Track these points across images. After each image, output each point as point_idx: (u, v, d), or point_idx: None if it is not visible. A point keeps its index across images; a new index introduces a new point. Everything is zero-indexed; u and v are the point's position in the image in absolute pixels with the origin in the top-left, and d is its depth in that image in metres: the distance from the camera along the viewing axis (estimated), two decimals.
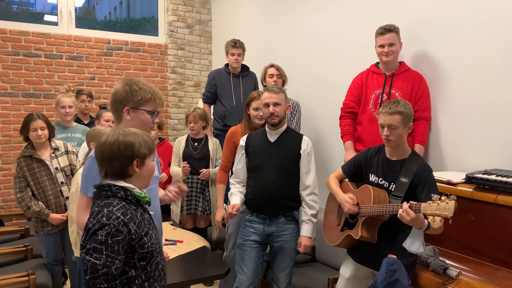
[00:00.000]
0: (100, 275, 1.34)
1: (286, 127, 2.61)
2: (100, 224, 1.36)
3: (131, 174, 1.49)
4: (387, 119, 2.10)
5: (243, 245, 2.60)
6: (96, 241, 1.35)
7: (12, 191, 4.53)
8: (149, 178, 1.57)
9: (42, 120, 2.89)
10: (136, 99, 1.77)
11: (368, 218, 2.15)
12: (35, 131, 2.86)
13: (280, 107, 2.52)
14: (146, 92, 1.78)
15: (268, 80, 3.55)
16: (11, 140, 4.49)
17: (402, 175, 2.11)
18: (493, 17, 2.40)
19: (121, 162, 1.46)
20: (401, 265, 1.89)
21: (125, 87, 1.78)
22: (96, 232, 1.36)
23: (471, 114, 2.54)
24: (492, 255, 2.05)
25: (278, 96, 2.52)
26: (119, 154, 1.45)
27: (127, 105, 1.77)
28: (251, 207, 2.61)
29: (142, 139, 1.50)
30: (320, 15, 3.70)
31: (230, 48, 3.88)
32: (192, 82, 5.49)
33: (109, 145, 1.45)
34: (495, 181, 2.04)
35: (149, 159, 1.52)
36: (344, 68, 3.43)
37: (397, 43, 2.73)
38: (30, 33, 4.52)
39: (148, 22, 5.58)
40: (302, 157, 2.54)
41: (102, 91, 4.95)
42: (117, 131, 1.49)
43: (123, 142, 1.45)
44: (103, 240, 1.35)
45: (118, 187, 1.46)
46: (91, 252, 1.35)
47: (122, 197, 1.45)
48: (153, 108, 1.82)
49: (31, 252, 3.08)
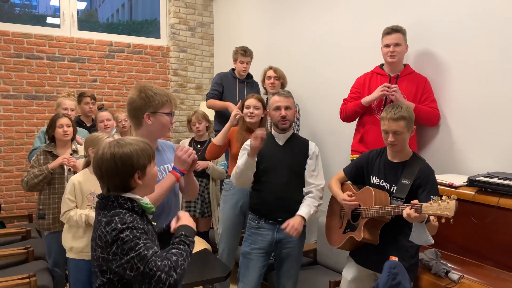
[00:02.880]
0: (151, 257, 1.33)
1: (292, 133, 2.61)
2: (118, 230, 1.34)
3: (134, 186, 1.45)
4: (392, 126, 2.09)
5: (249, 253, 2.53)
6: (125, 243, 1.33)
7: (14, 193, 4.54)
8: (154, 185, 1.55)
9: (67, 118, 3.01)
10: (154, 103, 1.85)
11: (370, 220, 2.15)
12: (61, 128, 2.95)
13: (291, 111, 2.50)
14: (162, 96, 1.87)
15: (267, 82, 3.57)
16: (13, 142, 4.49)
17: (404, 177, 2.11)
18: (497, 19, 2.39)
19: (122, 178, 1.42)
20: (403, 268, 1.89)
21: (141, 94, 1.85)
22: (118, 238, 1.34)
23: (473, 116, 2.53)
24: (494, 259, 2.05)
25: (289, 100, 2.50)
26: (117, 170, 1.41)
27: (147, 111, 1.86)
28: (259, 212, 2.53)
29: (139, 148, 1.45)
30: (322, 18, 3.70)
31: (239, 56, 3.86)
32: (194, 85, 5.50)
33: (106, 161, 1.41)
34: (497, 184, 2.03)
35: (150, 166, 1.48)
36: (345, 71, 3.43)
37: (403, 44, 2.72)
38: (32, 35, 4.53)
39: (150, 24, 5.60)
40: (312, 160, 2.53)
41: (104, 93, 4.96)
42: (112, 143, 1.45)
43: (120, 157, 1.40)
44: (132, 236, 1.34)
45: (125, 198, 1.43)
46: (128, 252, 1.33)
47: (129, 207, 1.42)
48: (170, 109, 1.91)
49: (32, 254, 3.07)
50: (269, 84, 3.55)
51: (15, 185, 4.52)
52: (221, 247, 3.09)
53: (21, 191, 4.53)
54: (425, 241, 1.92)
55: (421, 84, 2.70)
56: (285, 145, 2.54)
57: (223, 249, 3.07)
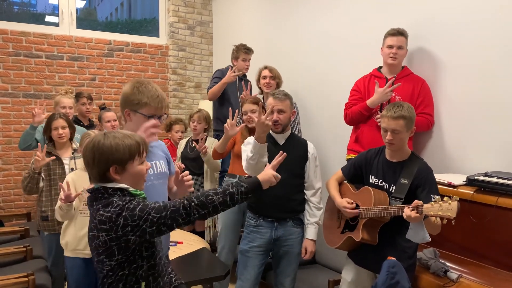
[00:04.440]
0: (168, 205, 1.40)
1: (290, 132, 2.61)
2: (120, 206, 1.37)
3: (113, 180, 1.45)
4: (391, 124, 2.08)
5: (247, 251, 2.54)
6: (132, 209, 1.37)
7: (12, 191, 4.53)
8: (138, 182, 1.52)
9: (63, 119, 2.96)
10: (134, 102, 1.77)
11: (368, 220, 2.15)
12: (56, 130, 2.92)
13: (285, 114, 2.47)
14: (143, 96, 1.76)
15: (262, 82, 3.55)
16: (11, 140, 4.48)
17: (403, 176, 2.11)
18: (495, 19, 2.39)
19: (98, 169, 1.44)
20: (401, 267, 1.89)
21: (128, 89, 1.79)
22: (123, 210, 1.37)
23: (472, 116, 2.53)
24: (493, 258, 2.05)
25: (283, 103, 2.46)
26: (94, 160, 1.43)
27: (127, 107, 1.80)
28: (258, 210, 2.54)
29: (123, 144, 1.44)
30: (321, 16, 3.70)
31: (242, 54, 3.84)
32: (192, 83, 5.49)
33: (88, 151, 1.44)
34: (496, 184, 2.03)
35: (132, 163, 1.46)
36: (345, 71, 3.42)
37: (405, 48, 2.73)
38: (31, 34, 4.52)
39: (149, 23, 5.59)
40: (310, 161, 2.54)
41: (103, 92, 4.95)
42: (99, 134, 1.47)
43: (99, 148, 1.42)
44: (136, 203, 1.39)
45: (113, 188, 1.45)
46: (139, 214, 1.37)
47: (119, 196, 1.44)
48: (151, 112, 1.78)
49: (30, 253, 3.07)
50: (264, 83, 3.52)
51: (13, 184, 4.51)
52: (220, 245, 3.09)
53: (20, 190, 4.52)
54: (421, 239, 1.92)
55: (417, 85, 2.69)
56: (285, 144, 2.54)
57: (222, 247, 3.07)
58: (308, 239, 2.53)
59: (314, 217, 2.54)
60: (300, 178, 2.54)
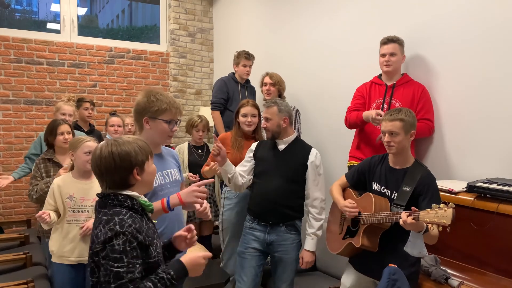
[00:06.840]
0: (126, 281, 1.34)
1: (295, 138, 2.61)
2: (114, 232, 1.35)
3: (133, 183, 1.48)
4: (387, 126, 2.12)
5: (243, 253, 2.58)
6: (114, 251, 1.34)
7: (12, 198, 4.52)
8: (152, 182, 1.57)
9: (67, 125, 2.99)
10: (153, 109, 1.89)
11: (369, 226, 2.15)
12: (62, 135, 2.92)
13: (271, 121, 2.53)
14: (162, 103, 1.90)
15: (263, 89, 3.57)
16: (12, 147, 4.49)
17: (405, 183, 2.11)
18: (496, 26, 2.40)
19: (121, 174, 1.45)
20: (402, 274, 1.87)
21: (143, 98, 1.91)
22: (111, 241, 1.35)
23: (472, 122, 2.53)
24: (494, 265, 2.04)
25: (268, 110, 2.55)
26: (116, 166, 1.44)
27: (146, 115, 1.90)
28: (253, 213, 2.60)
29: (137, 146, 1.49)
30: (321, 23, 3.72)
31: (242, 60, 3.87)
32: (193, 90, 5.51)
33: (105, 159, 1.44)
34: (497, 190, 2.03)
35: (148, 163, 1.52)
36: (345, 77, 3.44)
37: (399, 54, 2.74)
38: (32, 41, 4.54)
39: (150, 30, 5.61)
40: (309, 169, 2.53)
41: (104, 99, 4.97)
42: (110, 142, 1.49)
43: (118, 153, 1.44)
44: (122, 248, 1.35)
45: (124, 196, 1.45)
46: (111, 263, 1.34)
47: (129, 206, 1.45)
48: (170, 117, 1.93)
49: (30, 260, 3.06)
50: (265, 90, 3.54)
51: (13, 190, 4.51)
52: (226, 257, 3.06)
53: (20, 196, 4.53)
54: (418, 253, 1.91)
55: (417, 92, 2.70)
56: (285, 150, 2.55)
57: (228, 258, 3.04)
58: (306, 250, 2.54)
59: (311, 228, 2.55)
60: (298, 185, 2.54)
